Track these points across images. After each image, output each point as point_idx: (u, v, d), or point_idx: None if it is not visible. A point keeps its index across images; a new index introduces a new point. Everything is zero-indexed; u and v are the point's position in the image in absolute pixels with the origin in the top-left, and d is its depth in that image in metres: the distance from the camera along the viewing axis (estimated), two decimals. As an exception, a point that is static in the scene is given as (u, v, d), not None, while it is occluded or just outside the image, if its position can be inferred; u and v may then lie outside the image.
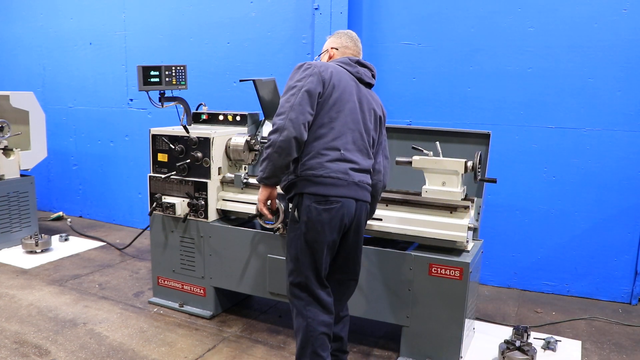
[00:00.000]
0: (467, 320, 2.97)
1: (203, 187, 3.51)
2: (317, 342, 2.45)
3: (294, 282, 2.50)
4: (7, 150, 5.00)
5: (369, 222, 3.10)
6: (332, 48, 2.72)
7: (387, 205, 3.07)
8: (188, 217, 3.58)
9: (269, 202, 2.59)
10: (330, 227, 2.41)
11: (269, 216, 2.61)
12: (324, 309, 2.49)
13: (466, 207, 2.88)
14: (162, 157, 3.64)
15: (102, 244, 5.31)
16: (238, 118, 3.86)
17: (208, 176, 3.50)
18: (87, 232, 5.66)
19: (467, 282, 2.82)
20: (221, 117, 3.93)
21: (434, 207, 2.93)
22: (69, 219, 6.04)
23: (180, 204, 3.55)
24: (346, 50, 2.69)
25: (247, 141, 3.53)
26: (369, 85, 2.66)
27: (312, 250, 2.42)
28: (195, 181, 3.53)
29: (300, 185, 2.42)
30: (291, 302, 2.56)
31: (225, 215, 3.66)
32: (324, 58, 2.75)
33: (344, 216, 2.43)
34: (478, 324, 3.57)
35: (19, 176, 5.11)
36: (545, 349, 3.25)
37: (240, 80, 3.85)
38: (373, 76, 2.68)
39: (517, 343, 3.03)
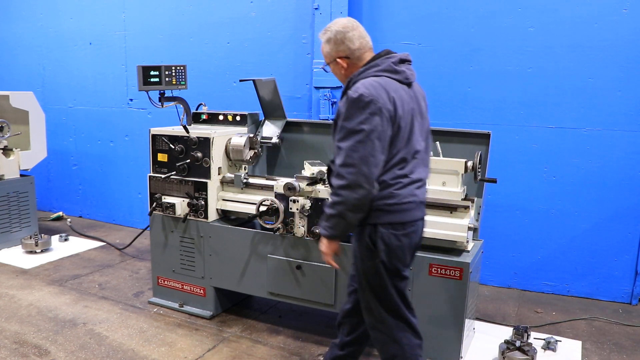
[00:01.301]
0: (467, 320, 2.97)
1: (203, 187, 3.51)
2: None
3: (387, 310, 2.31)
4: (7, 150, 4.99)
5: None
6: (341, 59, 2.38)
7: (387, 205, 3.06)
8: (188, 217, 3.58)
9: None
10: (409, 250, 2.31)
11: (337, 266, 2.43)
12: (415, 332, 2.36)
13: (466, 207, 2.88)
14: (162, 157, 3.64)
15: (102, 244, 5.31)
16: (238, 118, 3.86)
17: (208, 176, 3.50)
18: (87, 232, 5.66)
19: (467, 282, 2.82)
20: (221, 117, 3.93)
21: (434, 207, 2.93)
22: (68, 219, 6.04)
23: (180, 204, 3.55)
24: (360, 52, 2.35)
25: (247, 141, 3.53)
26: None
27: (396, 275, 2.29)
28: (195, 181, 3.53)
29: (373, 216, 2.22)
30: (378, 329, 2.36)
31: (225, 215, 3.66)
32: (336, 69, 2.44)
33: (418, 237, 2.35)
34: (478, 324, 3.57)
35: (18, 176, 5.11)
36: (545, 349, 3.25)
37: (240, 80, 3.85)
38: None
39: (517, 343, 3.03)
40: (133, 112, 5.77)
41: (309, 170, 3.13)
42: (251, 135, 3.62)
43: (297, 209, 3.12)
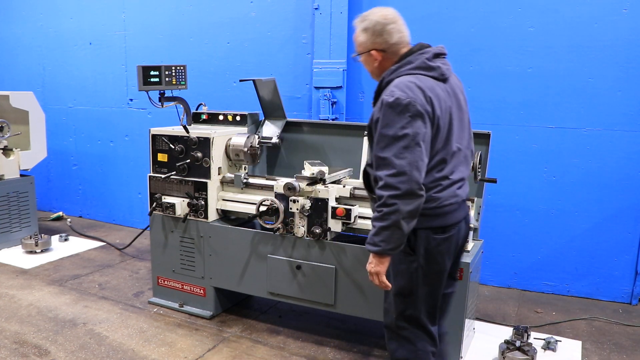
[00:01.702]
0: (467, 320, 2.97)
1: (203, 187, 3.51)
2: None
3: (405, 314, 2.24)
4: (7, 150, 4.99)
5: (368, 222, 3.10)
6: (376, 51, 2.21)
7: (387, 205, 3.06)
8: (188, 217, 3.58)
9: None
10: (448, 255, 2.20)
11: (389, 286, 2.21)
12: (432, 340, 2.29)
13: (466, 207, 2.87)
14: (162, 157, 3.64)
15: (102, 244, 5.31)
16: (238, 118, 3.86)
17: (208, 176, 3.50)
18: (87, 232, 5.66)
19: (467, 282, 2.82)
20: (221, 117, 3.92)
21: (434, 207, 2.92)
22: (68, 219, 6.04)
23: (180, 204, 3.55)
24: (396, 47, 2.19)
25: (247, 141, 3.53)
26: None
27: (432, 282, 2.19)
28: (195, 181, 3.53)
29: None
30: (396, 332, 2.30)
31: (225, 215, 3.66)
32: (368, 61, 2.27)
33: (459, 239, 2.25)
34: (478, 324, 3.57)
35: (18, 176, 5.11)
36: (545, 349, 3.25)
37: (240, 80, 3.85)
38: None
39: (517, 343, 3.03)
40: (133, 112, 5.77)
41: (309, 170, 3.13)
42: (251, 135, 3.62)
43: (297, 209, 3.11)
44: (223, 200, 3.57)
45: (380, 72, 2.24)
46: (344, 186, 3.18)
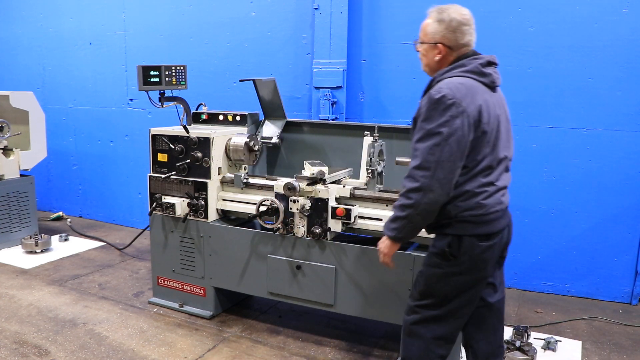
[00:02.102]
0: (467, 320, 2.97)
1: (203, 187, 3.51)
2: None
3: (426, 315, 2.23)
4: (7, 150, 4.99)
5: (368, 222, 3.11)
6: (443, 46, 2.19)
7: (387, 205, 3.06)
8: (188, 217, 3.58)
9: None
10: (491, 263, 2.20)
11: (393, 266, 2.34)
12: (449, 345, 2.28)
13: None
14: (162, 157, 3.64)
15: (102, 244, 5.31)
16: (238, 118, 3.86)
17: (208, 176, 3.50)
18: (87, 232, 5.66)
19: (467, 282, 2.82)
20: (221, 117, 3.92)
21: (434, 207, 2.92)
22: (68, 219, 6.04)
23: (180, 204, 3.55)
24: (462, 49, 2.19)
25: (247, 141, 3.53)
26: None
27: (469, 290, 2.18)
28: (195, 181, 3.53)
29: (457, 227, 2.11)
30: (413, 336, 2.28)
31: (225, 215, 3.65)
32: (431, 53, 2.23)
33: (501, 246, 2.25)
34: (478, 324, 3.56)
35: (18, 176, 5.11)
36: (545, 349, 3.25)
37: (240, 80, 3.85)
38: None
39: (517, 343, 3.03)
40: (133, 112, 5.77)
41: (309, 170, 3.12)
42: (251, 135, 3.62)
43: (297, 209, 3.11)
44: (223, 200, 3.57)
45: (438, 67, 2.23)
46: (344, 186, 3.18)
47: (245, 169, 3.77)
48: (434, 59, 2.24)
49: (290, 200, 3.12)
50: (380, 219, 3.06)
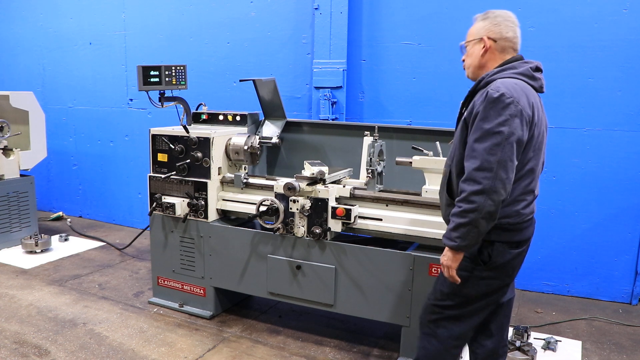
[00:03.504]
0: (467, 320, 2.97)
1: (203, 187, 3.51)
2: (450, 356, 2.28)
3: (445, 314, 2.23)
4: (7, 150, 4.99)
5: (368, 222, 3.11)
6: (489, 38, 2.19)
7: (387, 205, 3.07)
8: (188, 217, 3.58)
9: None
10: (519, 269, 2.23)
11: (459, 280, 2.15)
12: (461, 343, 2.30)
13: (466, 207, 2.87)
14: (162, 157, 3.64)
15: (102, 244, 5.31)
16: (238, 118, 3.86)
17: (208, 176, 3.50)
18: (87, 232, 5.66)
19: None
20: (221, 117, 3.93)
21: (434, 207, 2.93)
22: (68, 219, 6.04)
23: (180, 204, 3.55)
24: (506, 45, 2.18)
25: (247, 141, 3.53)
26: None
27: (493, 294, 2.20)
28: (195, 181, 3.53)
29: (492, 234, 2.08)
30: (432, 337, 2.28)
31: (225, 215, 3.66)
32: (476, 49, 2.23)
33: (526, 252, 2.26)
34: (478, 324, 3.56)
35: (18, 176, 5.11)
36: (545, 349, 3.25)
37: (240, 80, 3.85)
38: None
39: (518, 343, 3.03)
40: (133, 112, 5.77)
41: (309, 170, 3.13)
42: (251, 135, 3.62)
43: (297, 209, 3.11)
44: (223, 200, 3.57)
45: (480, 62, 2.22)
46: (344, 186, 3.18)
47: (245, 169, 3.77)
48: (479, 55, 2.22)
49: (290, 200, 3.12)
50: (381, 219, 3.06)
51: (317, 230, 3.11)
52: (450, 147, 2.25)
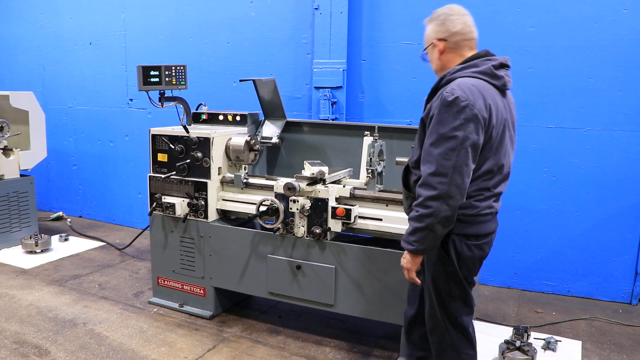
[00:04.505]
0: (467, 320, 2.97)
1: (203, 187, 3.51)
2: None
3: (450, 318, 2.25)
4: (7, 150, 4.99)
5: (368, 222, 3.11)
6: (439, 40, 2.19)
7: (387, 205, 3.06)
8: (188, 217, 3.58)
9: None
10: (479, 262, 2.26)
11: (419, 282, 2.23)
12: (472, 344, 2.32)
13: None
14: (162, 157, 3.64)
15: (102, 244, 5.31)
16: (238, 118, 3.86)
17: (208, 176, 3.50)
18: (87, 232, 5.66)
19: (467, 282, 2.82)
20: (221, 117, 3.93)
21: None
22: (68, 219, 6.04)
23: (180, 204, 3.55)
24: (458, 39, 2.16)
25: (247, 141, 3.53)
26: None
27: (462, 285, 2.23)
28: (195, 181, 3.53)
29: None
30: (438, 334, 2.30)
31: (225, 215, 3.66)
32: (433, 54, 2.24)
33: (489, 248, 2.29)
34: (478, 324, 3.56)
35: (18, 176, 5.11)
36: (545, 349, 3.25)
37: (240, 80, 3.85)
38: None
39: (517, 343, 3.03)
40: (133, 112, 5.77)
41: (309, 170, 3.13)
42: (251, 135, 3.62)
43: (297, 209, 3.12)
44: (223, 200, 3.57)
45: (442, 64, 2.22)
46: (344, 186, 3.18)
47: (245, 169, 3.77)
48: (437, 57, 2.22)
49: (290, 200, 3.12)
50: (381, 219, 3.06)
51: (317, 230, 3.11)
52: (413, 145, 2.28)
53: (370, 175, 3.09)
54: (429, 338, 2.38)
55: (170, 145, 3.56)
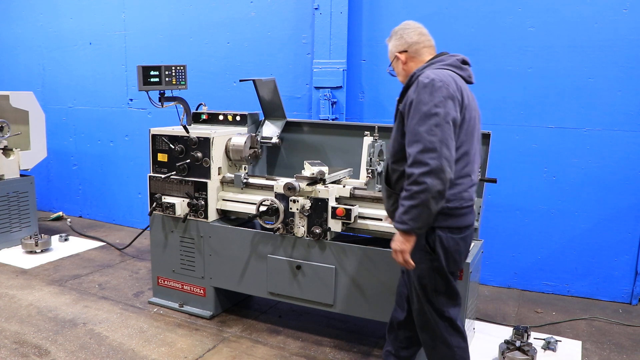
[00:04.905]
0: (467, 320, 2.97)
1: (203, 187, 3.51)
2: None
3: (438, 313, 2.29)
4: (7, 150, 4.99)
5: (368, 222, 3.11)
6: (400, 53, 2.36)
7: (387, 205, 3.06)
8: (188, 217, 3.58)
9: None
10: (465, 254, 2.32)
11: (413, 265, 2.20)
12: (462, 336, 2.35)
13: (466, 207, 2.87)
14: (162, 157, 3.64)
15: (102, 244, 5.31)
16: (238, 118, 3.86)
17: (208, 176, 3.50)
18: (87, 232, 5.66)
19: (467, 282, 2.82)
20: (221, 117, 3.93)
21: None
22: (68, 219, 6.04)
23: (180, 204, 3.55)
24: (417, 47, 2.34)
25: (247, 141, 3.53)
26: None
27: (450, 279, 2.27)
28: (195, 181, 3.53)
29: (434, 220, 2.15)
30: (429, 331, 2.34)
31: (225, 215, 3.66)
32: (397, 66, 2.41)
33: (471, 241, 2.34)
34: (478, 324, 3.57)
35: (18, 176, 5.11)
36: (545, 349, 3.25)
37: (240, 80, 3.85)
38: None
39: (517, 343, 3.03)
40: (133, 112, 5.77)
41: (309, 170, 3.13)
42: (251, 135, 3.62)
43: (297, 209, 3.12)
44: (223, 200, 3.57)
45: (407, 73, 2.37)
46: (344, 186, 3.18)
47: (245, 169, 3.77)
48: (402, 67, 2.39)
49: (290, 200, 3.12)
50: (380, 219, 3.06)
51: (317, 230, 3.11)
52: (389, 144, 2.35)
53: (370, 175, 3.09)
54: (419, 336, 2.40)
55: (170, 145, 3.56)
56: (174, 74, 3.77)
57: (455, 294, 2.30)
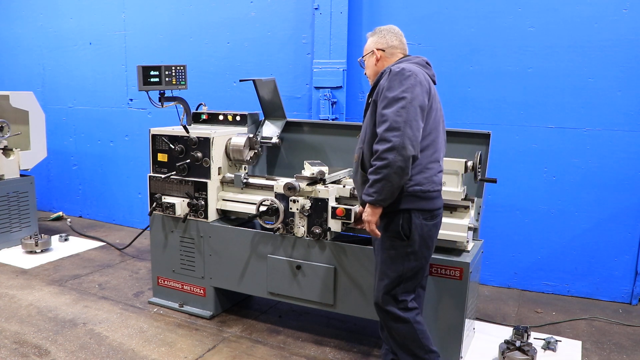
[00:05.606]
0: (467, 320, 2.97)
1: (203, 187, 3.51)
2: (425, 334, 2.48)
3: (391, 293, 2.44)
4: (7, 150, 5.00)
5: (369, 222, 3.11)
6: (377, 49, 2.56)
7: (387, 205, 3.06)
8: (188, 217, 3.58)
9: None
10: (436, 240, 2.50)
11: (379, 234, 2.40)
12: (417, 308, 2.53)
13: (466, 207, 2.88)
14: (162, 157, 3.64)
15: (102, 244, 5.31)
16: (238, 118, 3.86)
17: (208, 176, 3.50)
18: (87, 232, 5.66)
19: (467, 282, 2.82)
20: (221, 117, 3.93)
21: (434, 207, 2.92)
22: (68, 219, 6.04)
23: (180, 204, 3.55)
24: (394, 51, 2.56)
25: (247, 141, 3.53)
26: None
27: (420, 265, 2.44)
28: (195, 181, 3.53)
29: (406, 201, 2.34)
30: (387, 313, 2.47)
31: (225, 215, 3.66)
32: (371, 60, 2.60)
33: (440, 224, 2.53)
34: (478, 324, 3.57)
35: (18, 176, 5.11)
36: (545, 349, 3.25)
37: (240, 80, 3.85)
38: None
39: (517, 343, 3.03)
40: (133, 112, 5.77)
41: (309, 170, 3.13)
42: (251, 135, 3.62)
43: (297, 209, 3.12)
44: (223, 200, 3.57)
45: (377, 70, 2.57)
46: (344, 186, 3.18)
47: (245, 169, 3.77)
48: (374, 63, 2.58)
49: (290, 200, 3.12)
50: (380, 219, 3.06)
51: (317, 230, 3.11)
52: (360, 135, 2.52)
53: (370, 175, 3.09)
54: (381, 334, 2.60)
55: (170, 145, 3.56)
56: (174, 74, 3.78)
57: (421, 282, 2.50)
